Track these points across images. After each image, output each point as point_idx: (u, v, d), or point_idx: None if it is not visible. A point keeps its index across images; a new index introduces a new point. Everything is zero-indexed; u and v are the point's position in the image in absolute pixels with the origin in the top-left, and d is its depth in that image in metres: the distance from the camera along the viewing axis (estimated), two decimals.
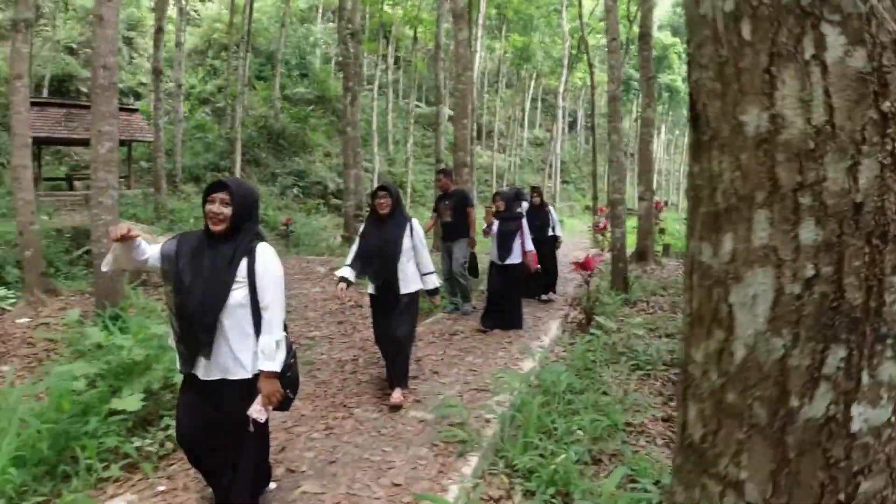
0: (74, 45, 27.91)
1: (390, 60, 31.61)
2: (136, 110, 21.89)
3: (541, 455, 3.14)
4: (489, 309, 6.57)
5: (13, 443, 2.68)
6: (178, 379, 3.47)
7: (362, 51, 19.08)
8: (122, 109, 20.64)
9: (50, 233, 13.52)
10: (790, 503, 0.81)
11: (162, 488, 2.90)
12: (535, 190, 8.69)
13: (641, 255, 11.51)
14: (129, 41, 29.66)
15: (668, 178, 45.90)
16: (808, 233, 0.78)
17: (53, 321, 6.86)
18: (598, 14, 30.13)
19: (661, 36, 35.18)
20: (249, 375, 2.43)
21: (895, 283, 0.77)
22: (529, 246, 6.51)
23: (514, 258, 6.48)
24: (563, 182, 34.89)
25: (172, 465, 3.16)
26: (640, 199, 11.21)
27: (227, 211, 2.40)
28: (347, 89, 13.03)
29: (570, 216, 29.14)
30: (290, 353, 2.54)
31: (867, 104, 0.76)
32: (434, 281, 4.43)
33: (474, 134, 17.74)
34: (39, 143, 18.92)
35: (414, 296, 4.34)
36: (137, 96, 27.78)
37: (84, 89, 25.71)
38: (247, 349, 2.42)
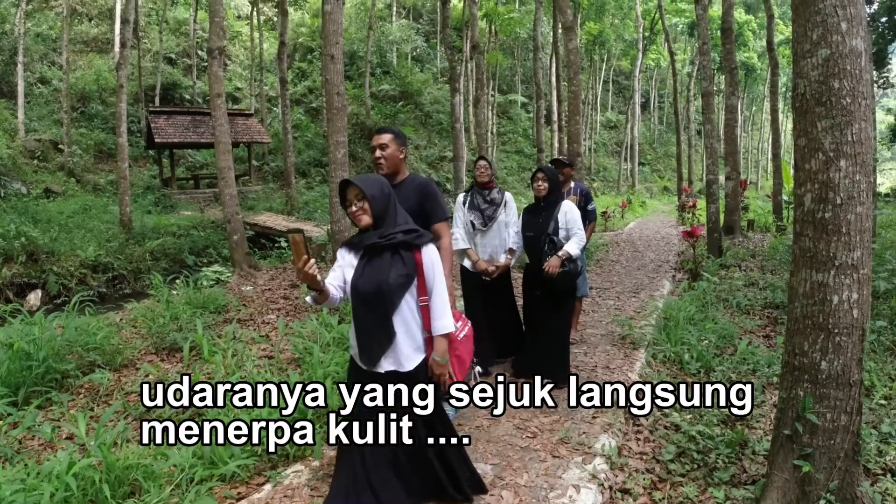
0: (172, 56, 31.06)
1: (466, 52, 33.31)
2: (251, 115, 24.60)
3: (686, 346, 4.86)
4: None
5: None
6: None
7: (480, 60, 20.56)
8: (239, 115, 23.44)
9: (209, 223, 16.19)
10: None
11: None
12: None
13: (729, 228, 12.81)
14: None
15: (746, 155, 45.57)
16: None
17: (269, 288, 9.06)
18: None
19: (736, 14, 35.07)
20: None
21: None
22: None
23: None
24: (640, 164, 35.66)
25: None
26: (727, 178, 12.46)
27: None
28: (455, 90, 14.84)
29: (649, 197, 30.11)
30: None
31: None
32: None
33: (542, 120, 19.22)
34: (171, 147, 21.61)
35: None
36: (235, 100, 30.73)
37: (187, 96, 28.84)
38: None
